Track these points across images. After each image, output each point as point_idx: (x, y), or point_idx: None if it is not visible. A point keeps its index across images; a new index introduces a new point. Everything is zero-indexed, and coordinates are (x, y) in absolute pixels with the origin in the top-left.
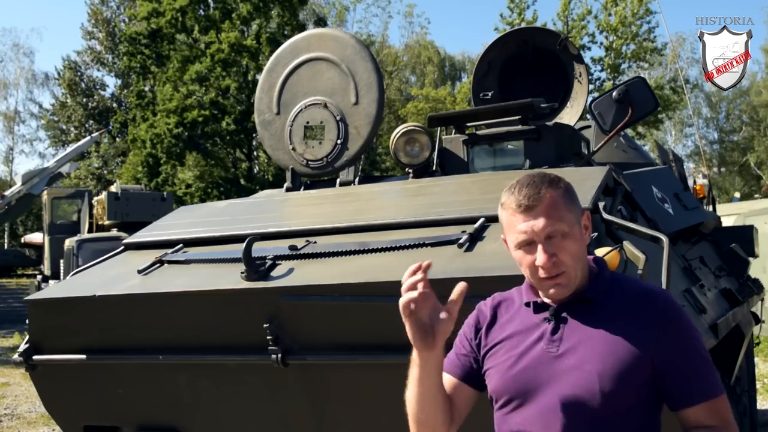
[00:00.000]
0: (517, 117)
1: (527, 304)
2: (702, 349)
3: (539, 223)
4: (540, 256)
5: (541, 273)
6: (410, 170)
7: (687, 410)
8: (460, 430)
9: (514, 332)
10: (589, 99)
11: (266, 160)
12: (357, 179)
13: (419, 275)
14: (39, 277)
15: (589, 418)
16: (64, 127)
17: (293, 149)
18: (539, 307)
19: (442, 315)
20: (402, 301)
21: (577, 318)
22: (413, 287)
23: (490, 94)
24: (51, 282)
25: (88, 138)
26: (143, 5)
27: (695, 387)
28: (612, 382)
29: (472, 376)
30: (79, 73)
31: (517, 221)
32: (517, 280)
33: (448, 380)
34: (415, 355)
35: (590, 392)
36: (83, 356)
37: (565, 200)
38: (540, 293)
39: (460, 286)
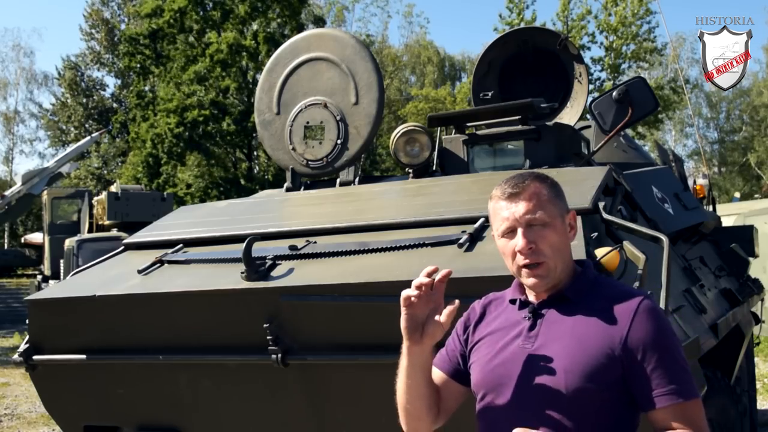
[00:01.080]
0: (517, 117)
1: (512, 301)
2: (676, 351)
3: (520, 208)
4: (519, 241)
5: (520, 259)
6: (410, 170)
7: (656, 412)
8: (455, 427)
9: (497, 328)
10: (589, 99)
11: (266, 160)
12: (357, 179)
13: (427, 280)
14: (39, 277)
15: (558, 414)
16: (64, 127)
17: (293, 149)
18: (523, 305)
19: (436, 320)
20: (404, 293)
21: (553, 315)
22: (419, 287)
23: (490, 94)
24: (51, 282)
25: (88, 138)
26: (147, 2)
27: (665, 388)
28: (579, 379)
29: (460, 372)
30: (79, 73)
31: (502, 208)
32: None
33: (438, 375)
34: (404, 346)
35: (557, 388)
36: (83, 356)
37: (550, 193)
38: (526, 291)
39: (451, 308)
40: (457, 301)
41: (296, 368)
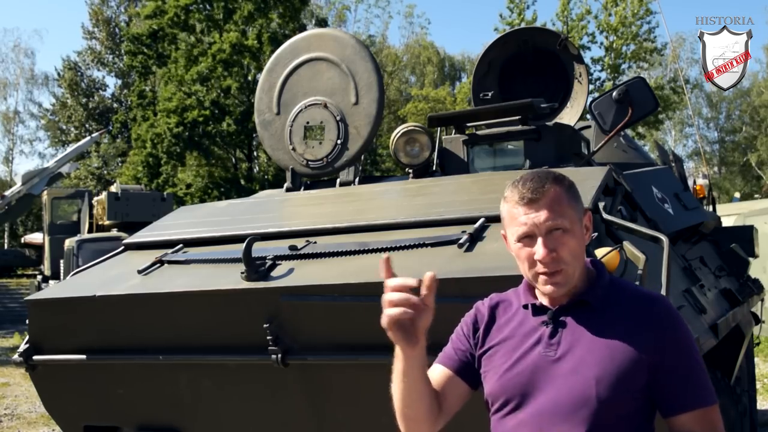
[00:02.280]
0: (517, 117)
1: (525, 307)
2: (697, 356)
3: (541, 215)
4: (540, 250)
5: (540, 267)
6: (410, 170)
7: (679, 417)
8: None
9: (511, 335)
10: (589, 99)
11: (266, 160)
12: (357, 179)
13: (406, 296)
14: (39, 277)
15: (585, 424)
16: (64, 127)
17: (293, 149)
18: (538, 310)
19: (420, 309)
20: (391, 315)
21: (575, 322)
22: (405, 303)
23: (490, 94)
24: (51, 282)
25: (88, 138)
26: (148, 4)
27: (689, 393)
28: (609, 387)
29: (467, 370)
30: (79, 74)
31: (519, 213)
32: (517, 280)
33: (442, 372)
34: (398, 350)
35: (587, 397)
36: (83, 356)
37: (569, 197)
38: (538, 295)
39: (428, 277)
40: (431, 274)
41: (296, 368)
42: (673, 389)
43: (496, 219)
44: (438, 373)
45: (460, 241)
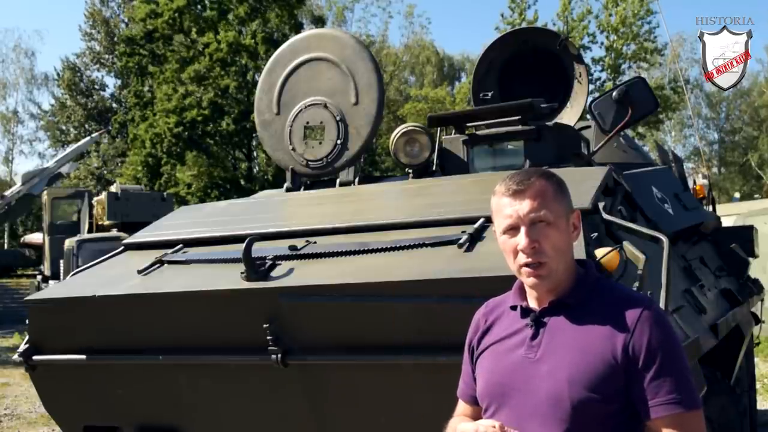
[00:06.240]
0: (517, 117)
1: (513, 308)
2: (679, 359)
3: (524, 206)
4: (522, 240)
5: (521, 258)
6: (410, 170)
7: (654, 422)
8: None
9: (500, 337)
10: (589, 99)
11: (266, 160)
12: (357, 179)
13: None
14: (39, 277)
15: (561, 425)
16: (64, 127)
17: (293, 149)
18: (525, 312)
19: None
20: None
21: (556, 323)
22: None
23: (490, 94)
24: (51, 282)
25: (87, 138)
26: (141, 7)
27: (665, 397)
28: (583, 390)
29: None
30: (78, 74)
31: (505, 205)
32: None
33: (465, 408)
34: None
35: (560, 399)
36: (83, 356)
37: (555, 192)
38: (527, 296)
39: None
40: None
41: (296, 368)
42: (649, 392)
43: None
44: (463, 409)
45: (460, 241)
